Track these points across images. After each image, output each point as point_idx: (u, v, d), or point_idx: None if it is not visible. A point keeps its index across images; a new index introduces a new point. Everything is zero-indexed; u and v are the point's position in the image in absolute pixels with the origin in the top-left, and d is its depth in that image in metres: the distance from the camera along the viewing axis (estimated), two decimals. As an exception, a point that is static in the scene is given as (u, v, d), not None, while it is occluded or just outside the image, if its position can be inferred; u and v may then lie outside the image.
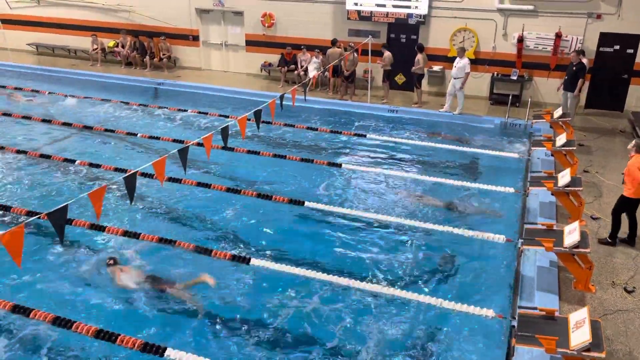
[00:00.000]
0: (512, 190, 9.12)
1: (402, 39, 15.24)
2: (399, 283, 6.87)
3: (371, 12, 14.79)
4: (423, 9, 14.34)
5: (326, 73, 14.65)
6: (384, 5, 14.62)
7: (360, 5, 14.80)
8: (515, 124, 12.55)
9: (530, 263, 6.94)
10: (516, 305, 6.14)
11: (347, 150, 11.32)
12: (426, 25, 14.64)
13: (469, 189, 9.41)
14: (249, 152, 10.66)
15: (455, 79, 12.85)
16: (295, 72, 15.69)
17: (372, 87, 14.66)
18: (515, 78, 14.07)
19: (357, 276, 6.90)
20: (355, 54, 14.22)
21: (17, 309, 5.79)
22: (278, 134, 12.04)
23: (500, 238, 7.56)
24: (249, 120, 8.78)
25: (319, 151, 11.19)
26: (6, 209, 8.18)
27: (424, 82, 14.50)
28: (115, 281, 6.73)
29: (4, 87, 15.15)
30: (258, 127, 9.15)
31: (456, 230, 7.87)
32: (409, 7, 14.43)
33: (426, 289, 6.75)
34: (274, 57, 16.54)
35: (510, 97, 12.91)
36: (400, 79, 15.59)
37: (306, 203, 8.60)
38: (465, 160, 10.96)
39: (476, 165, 10.73)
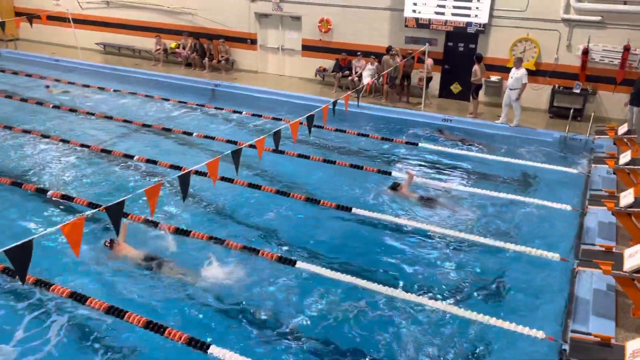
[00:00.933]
0: (569, 207, 8.77)
1: (460, 47, 14.98)
2: (445, 296, 6.73)
3: (429, 19, 14.61)
4: (483, 18, 14.04)
5: (380, 80, 14.57)
6: (442, 14, 14.42)
7: (419, 12, 14.65)
8: (575, 138, 12.06)
9: (585, 285, 6.63)
10: (568, 328, 5.88)
11: (398, 159, 11.22)
12: (486, 34, 14.32)
13: (522, 204, 9.12)
14: (299, 155, 10.75)
15: (510, 89, 12.51)
16: (349, 78, 15.71)
17: (427, 95, 14.47)
18: (578, 91, 13.53)
19: (402, 286, 6.81)
20: (398, 60, 14.07)
21: (73, 296, 6.06)
22: (329, 139, 12.08)
23: (554, 256, 7.28)
24: (302, 124, 8.85)
25: (369, 158, 11.15)
26: (69, 198, 8.60)
27: (481, 92, 14.18)
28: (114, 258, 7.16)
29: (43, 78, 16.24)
30: (310, 132, 9.22)
31: (508, 245, 7.65)
32: (468, 15, 14.16)
33: (474, 304, 6.57)
34: (328, 63, 16.63)
35: (571, 110, 12.42)
36: (455, 88, 15.32)
37: (354, 209, 8.59)
38: (520, 173, 10.63)
39: (531, 180, 10.38)
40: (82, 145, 10.99)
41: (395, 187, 9.48)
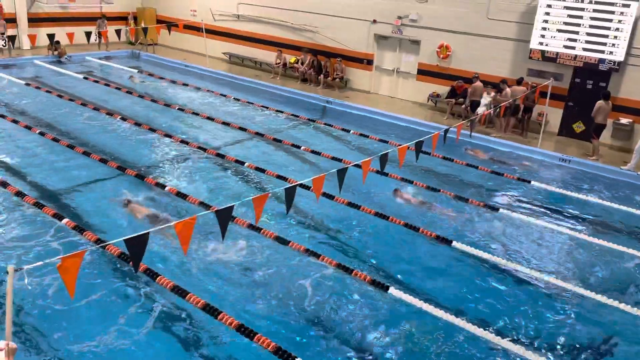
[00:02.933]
0: (702, 273, 7.79)
1: (589, 85, 14.03)
2: (544, 351, 6.24)
3: (557, 53, 13.87)
4: (619, 55, 13.05)
5: (497, 110, 14.04)
6: (573, 48, 13.62)
7: (546, 45, 13.97)
8: None
9: None
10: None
11: (507, 195, 10.68)
12: (620, 72, 13.29)
13: (645, 262, 8.27)
14: (402, 179, 10.62)
15: (646, 135, 11.47)
16: (463, 106, 15.32)
17: (544, 130, 13.70)
18: None
19: (497, 331, 6.43)
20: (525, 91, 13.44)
21: (175, 289, 6.44)
22: (435, 167, 11.81)
23: (679, 327, 6.49)
24: (409, 149, 8.76)
25: (475, 190, 10.73)
26: (184, 196, 9.20)
27: (607, 134, 13.14)
28: (134, 217, 8.37)
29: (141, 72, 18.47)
30: (417, 158, 9.11)
31: (623, 306, 6.95)
32: (602, 51, 13.25)
33: (576, 365, 6.04)
34: (443, 89, 16.37)
35: None
36: (578, 127, 14.35)
37: (454, 243, 8.29)
38: (645, 227, 9.67)
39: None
40: (199, 148, 11.73)
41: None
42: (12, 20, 20.26)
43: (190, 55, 22.22)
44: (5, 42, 18.90)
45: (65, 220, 7.91)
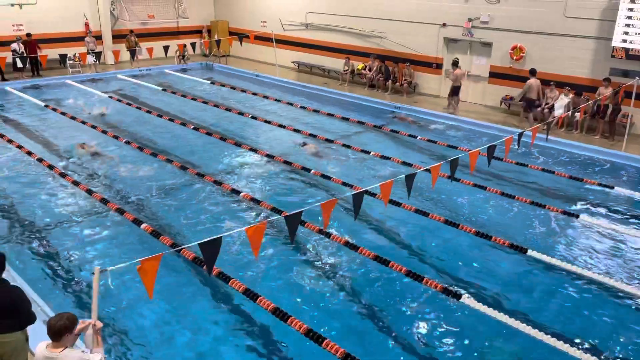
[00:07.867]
0: None
1: (680, 83, 12.99)
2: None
3: (643, 50, 12.98)
4: None
5: (577, 113, 13.31)
6: (660, 44, 12.70)
7: (630, 42, 13.11)
8: None
9: None
10: None
11: (588, 201, 10.08)
12: None
13: None
14: (475, 185, 10.30)
15: None
16: (539, 109, 14.66)
17: (630, 133, 12.83)
18: None
19: (580, 345, 6.08)
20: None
21: (246, 292, 6.61)
22: (509, 172, 11.35)
23: None
24: (481, 154, 8.52)
25: (553, 197, 10.22)
26: (257, 202, 9.44)
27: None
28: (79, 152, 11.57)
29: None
30: (489, 163, 8.84)
31: None
32: (695, 46, 12.26)
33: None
34: (516, 91, 15.75)
35: None
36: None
37: (529, 251, 7.93)
38: None
39: None
40: (268, 156, 11.97)
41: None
42: (97, 37, 21.73)
43: (261, 65, 22.81)
44: (95, 58, 20.31)
45: (144, 225, 8.34)
